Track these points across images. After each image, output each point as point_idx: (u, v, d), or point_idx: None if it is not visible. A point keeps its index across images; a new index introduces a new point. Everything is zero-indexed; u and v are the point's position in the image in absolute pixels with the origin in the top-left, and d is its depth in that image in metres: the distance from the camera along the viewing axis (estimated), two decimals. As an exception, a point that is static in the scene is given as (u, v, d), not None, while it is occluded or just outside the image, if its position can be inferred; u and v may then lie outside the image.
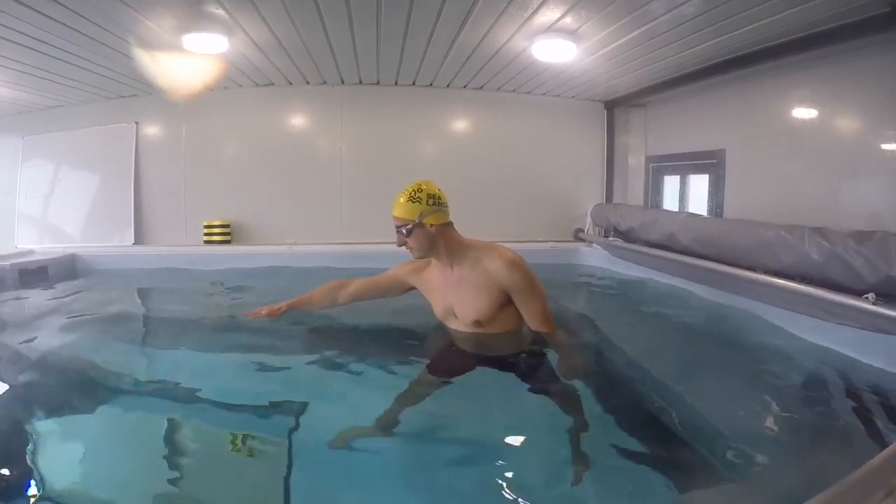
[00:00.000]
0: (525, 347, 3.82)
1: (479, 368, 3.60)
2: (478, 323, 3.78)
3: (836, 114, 5.58)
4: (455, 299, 3.89)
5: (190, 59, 6.74)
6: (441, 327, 4.04)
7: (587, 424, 2.87)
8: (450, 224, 3.96)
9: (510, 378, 3.52)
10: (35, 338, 4.67)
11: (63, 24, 5.34)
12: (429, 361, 3.77)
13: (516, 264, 3.73)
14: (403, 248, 3.99)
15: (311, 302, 4.57)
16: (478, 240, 4.06)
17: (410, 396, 3.21)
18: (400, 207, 3.89)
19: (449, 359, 3.80)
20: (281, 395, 3.34)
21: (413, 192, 3.88)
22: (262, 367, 3.84)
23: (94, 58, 6.47)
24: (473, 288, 3.80)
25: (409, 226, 3.84)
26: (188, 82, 7.97)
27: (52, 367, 3.95)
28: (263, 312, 4.48)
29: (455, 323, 3.92)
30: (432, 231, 3.85)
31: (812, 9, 4.68)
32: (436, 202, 3.86)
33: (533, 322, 3.78)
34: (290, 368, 3.84)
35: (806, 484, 1.63)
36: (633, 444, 2.72)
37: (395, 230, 3.95)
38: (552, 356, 3.72)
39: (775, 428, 2.98)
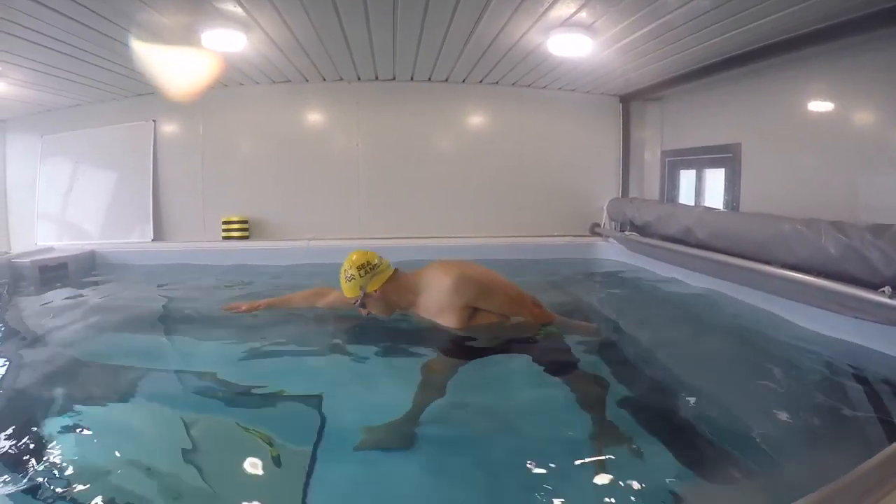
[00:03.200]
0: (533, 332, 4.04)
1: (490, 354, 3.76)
2: (459, 330, 3.99)
3: (852, 107, 5.56)
4: (431, 318, 4.18)
5: (201, 57, 6.81)
6: None
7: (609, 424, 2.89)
8: (394, 274, 4.27)
9: (524, 360, 3.65)
10: (55, 333, 4.74)
11: (80, 22, 5.39)
12: (440, 347, 3.89)
13: (461, 281, 3.98)
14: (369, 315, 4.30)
15: (290, 304, 4.92)
16: (431, 265, 4.30)
17: (428, 386, 3.27)
18: (344, 290, 4.26)
19: (459, 344, 3.91)
20: (301, 388, 3.38)
21: (346, 273, 4.23)
22: (282, 361, 3.91)
23: (111, 56, 6.52)
24: (438, 312, 4.08)
25: (359, 300, 4.19)
26: (200, 80, 8.03)
27: (72, 361, 3.99)
28: (243, 308, 4.86)
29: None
30: (379, 294, 4.18)
31: (826, 1, 4.67)
32: (367, 269, 4.19)
33: (511, 312, 4.07)
34: (309, 362, 3.91)
35: (819, 474, 1.64)
36: (648, 435, 2.75)
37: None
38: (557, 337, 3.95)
39: (788, 419, 2.98)
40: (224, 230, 8.96)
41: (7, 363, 3.97)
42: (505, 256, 8.19)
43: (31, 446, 2.65)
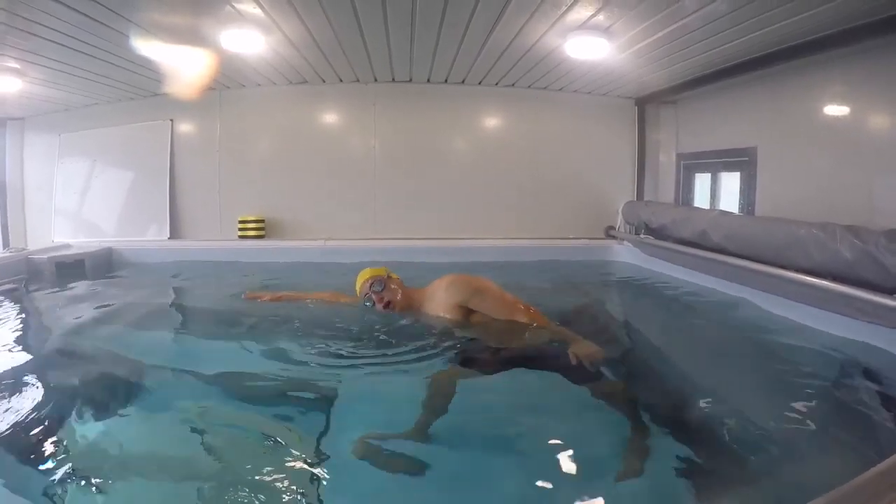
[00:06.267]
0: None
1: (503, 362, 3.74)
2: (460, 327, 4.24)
3: (868, 110, 5.56)
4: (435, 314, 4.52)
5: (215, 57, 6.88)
6: None
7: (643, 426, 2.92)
8: (400, 283, 4.74)
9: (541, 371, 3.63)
10: (71, 329, 4.78)
11: (99, 21, 5.44)
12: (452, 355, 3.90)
13: (455, 280, 4.39)
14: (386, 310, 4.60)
15: (310, 298, 5.28)
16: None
17: (437, 394, 3.26)
18: (367, 273, 4.75)
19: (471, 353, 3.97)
20: (313, 388, 3.41)
21: (364, 275, 4.74)
22: (296, 361, 3.90)
23: (129, 55, 6.54)
24: (435, 314, 4.43)
25: (382, 279, 4.66)
26: (213, 78, 8.09)
27: (86, 357, 4.05)
28: (266, 297, 5.29)
29: None
30: (398, 283, 4.70)
31: (843, 5, 4.66)
32: (382, 272, 4.74)
33: (505, 315, 4.18)
34: (323, 362, 3.88)
35: (830, 477, 1.65)
36: (659, 436, 2.76)
37: (371, 296, 4.62)
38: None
39: (801, 422, 2.99)
40: (240, 229, 9.01)
41: (22, 359, 4.02)
42: (520, 258, 8.23)
43: (45, 441, 2.70)
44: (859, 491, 1.43)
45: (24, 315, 5.34)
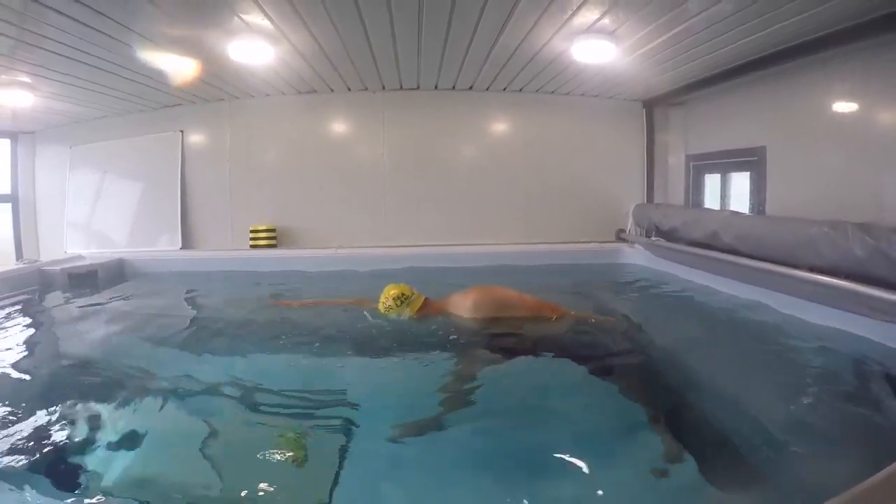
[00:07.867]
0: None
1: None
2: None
3: (877, 107, 5.52)
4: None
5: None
6: None
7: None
8: (425, 301, 4.90)
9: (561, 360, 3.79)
10: (85, 339, 4.83)
11: (109, 35, 5.48)
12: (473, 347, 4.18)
13: (477, 297, 4.68)
14: None
15: (335, 304, 5.54)
16: (455, 292, 4.97)
17: (459, 381, 3.49)
18: (389, 301, 4.87)
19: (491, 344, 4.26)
20: (332, 389, 3.47)
21: (384, 304, 4.87)
22: (312, 364, 3.97)
23: (139, 68, 6.63)
24: (460, 320, 4.67)
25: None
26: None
27: (101, 368, 4.07)
28: (295, 304, 5.64)
29: None
30: (421, 302, 4.87)
31: (847, 2, 4.65)
32: (401, 300, 4.84)
33: (530, 313, 4.57)
34: (340, 361, 3.96)
35: (845, 477, 1.64)
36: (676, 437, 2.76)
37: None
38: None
39: (812, 422, 2.99)
40: (252, 239, 9.05)
41: (36, 370, 4.05)
42: (531, 263, 8.23)
43: (57, 453, 2.73)
44: (872, 492, 1.43)
45: (37, 326, 5.38)
